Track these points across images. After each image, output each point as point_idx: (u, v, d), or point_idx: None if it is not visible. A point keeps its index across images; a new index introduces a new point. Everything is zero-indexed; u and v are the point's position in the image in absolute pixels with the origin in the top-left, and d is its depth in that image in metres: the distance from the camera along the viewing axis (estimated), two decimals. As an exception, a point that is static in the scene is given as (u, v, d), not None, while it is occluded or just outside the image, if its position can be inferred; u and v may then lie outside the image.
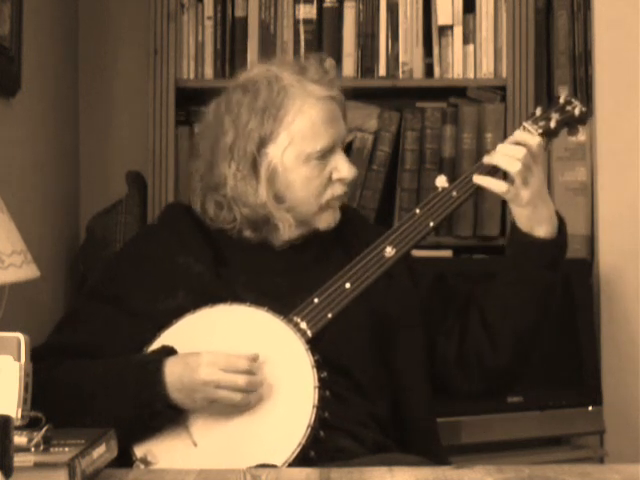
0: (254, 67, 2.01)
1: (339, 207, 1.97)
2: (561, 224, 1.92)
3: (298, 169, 1.92)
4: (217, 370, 1.73)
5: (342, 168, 1.93)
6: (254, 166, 1.91)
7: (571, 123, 2.02)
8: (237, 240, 1.97)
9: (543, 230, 1.89)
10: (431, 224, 1.88)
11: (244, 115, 1.91)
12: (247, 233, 1.96)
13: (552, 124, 1.97)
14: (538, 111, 2.00)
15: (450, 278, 2.05)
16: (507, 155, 1.86)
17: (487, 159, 1.89)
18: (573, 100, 2.02)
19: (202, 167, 1.97)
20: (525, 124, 1.97)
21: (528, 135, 1.90)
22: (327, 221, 1.96)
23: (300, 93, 1.91)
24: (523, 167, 1.84)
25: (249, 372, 1.74)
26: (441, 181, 1.92)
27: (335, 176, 1.94)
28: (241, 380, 1.73)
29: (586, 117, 2.03)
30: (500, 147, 1.88)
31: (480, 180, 1.88)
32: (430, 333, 1.97)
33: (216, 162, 1.93)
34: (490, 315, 1.93)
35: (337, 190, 1.95)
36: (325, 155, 1.92)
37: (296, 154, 1.91)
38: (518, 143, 1.87)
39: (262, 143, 1.91)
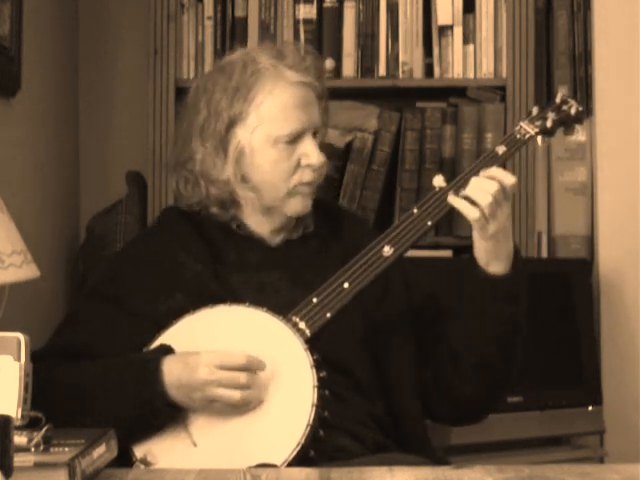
0: (236, 51, 2.02)
1: (311, 196, 1.96)
2: (516, 256, 1.89)
3: (266, 151, 1.92)
4: (216, 369, 1.73)
5: (311, 154, 1.93)
6: (223, 145, 1.92)
7: (567, 122, 2.02)
8: (233, 238, 1.97)
9: (498, 266, 1.87)
10: (429, 223, 1.88)
11: (217, 95, 1.93)
12: (214, 210, 1.97)
13: (548, 123, 1.98)
14: (534, 110, 2.01)
15: (442, 299, 2.03)
16: (479, 188, 1.84)
17: (461, 192, 1.86)
18: (569, 99, 2.03)
19: (179, 145, 2.00)
20: (522, 123, 1.98)
21: (504, 173, 1.87)
22: (295, 207, 1.95)
23: (273, 76, 1.92)
24: (493, 201, 1.82)
25: (248, 369, 1.74)
26: (438, 180, 1.91)
27: (304, 162, 1.94)
28: (241, 377, 1.73)
29: (582, 116, 2.04)
30: (474, 180, 1.85)
31: (454, 201, 1.86)
32: (415, 350, 1.97)
33: (189, 140, 1.96)
34: (454, 346, 1.93)
35: (305, 176, 1.94)
36: (294, 140, 1.92)
37: (264, 136, 1.91)
38: (493, 177, 1.85)
39: (231, 123, 1.92)
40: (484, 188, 1.83)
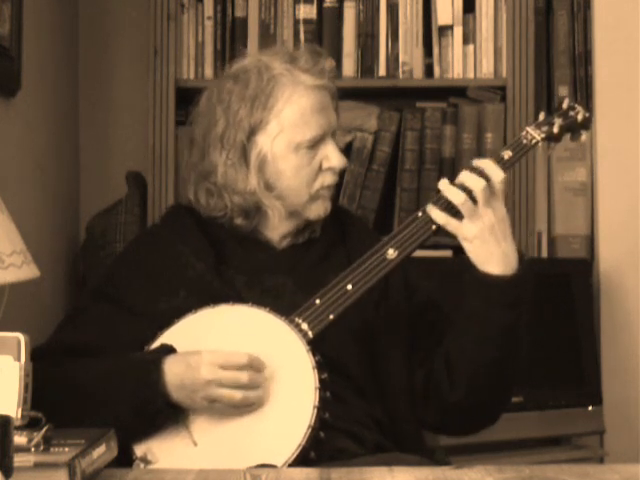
0: (246, 57, 2.01)
1: (330, 198, 1.97)
2: (520, 261, 1.85)
3: (288, 158, 1.92)
4: (218, 369, 1.73)
5: (332, 157, 1.94)
6: (244, 155, 1.92)
7: (574, 128, 2.02)
8: (239, 239, 1.97)
9: (494, 268, 1.83)
10: (433, 227, 1.88)
11: (234, 104, 1.92)
12: (238, 221, 1.96)
13: (555, 129, 1.97)
14: (541, 116, 2.00)
15: (444, 306, 2.00)
16: (456, 185, 1.83)
17: (439, 186, 1.85)
18: (576, 105, 2.03)
19: (195, 156, 1.98)
20: (528, 128, 1.97)
21: (493, 169, 1.84)
22: (317, 211, 1.96)
23: (290, 82, 1.92)
24: (469, 201, 1.81)
25: (250, 368, 1.74)
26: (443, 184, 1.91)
27: (325, 165, 1.94)
28: (242, 377, 1.73)
29: (589, 122, 2.03)
30: (460, 175, 1.84)
31: (429, 210, 1.85)
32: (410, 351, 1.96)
33: (208, 151, 1.95)
34: (449, 349, 1.90)
35: (327, 179, 1.95)
36: (315, 144, 1.93)
37: (286, 143, 1.91)
38: (481, 174, 1.82)
39: (252, 132, 1.91)
40: (464, 184, 1.82)
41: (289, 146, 1.92)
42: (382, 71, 2.86)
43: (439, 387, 1.92)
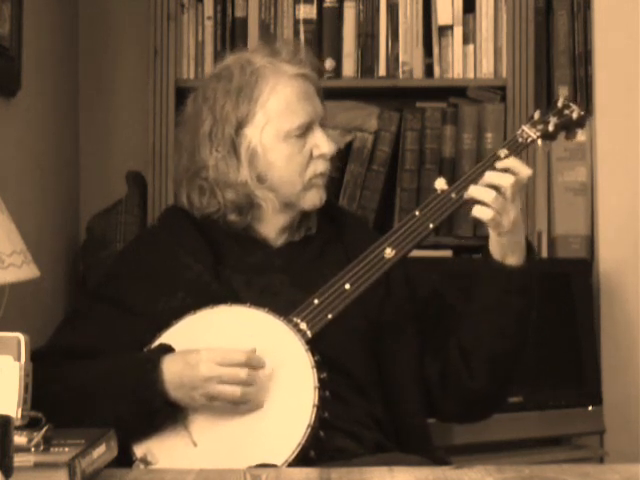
0: (228, 57, 2.02)
1: (324, 187, 1.97)
2: (529, 250, 1.90)
3: (278, 148, 1.93)
4: (217, 366, 1.73)
5: (322, 144, 1.94)
6: (234, 149, 1.92)
7: (569, 127, 2.03)
8: (235, 238, 1.97)
9: (513, 258, 1.87)
10: (431, 226, 1.88)
11: (220, 100, 1.93)
12: (232, 217, 1.96)
13: (550, 127, 1.98)
14: (536, 114, 2.01)
15: (447, 297, 2.03)
16: (480, 188, 1.84)
17: (467, 193, 1.86)
18: (571, 104, 2.04)
19: (185, 158, 1.98)
20: (524, 127, 1.98)
21: (522, 166, 1.87)
22: (312, 200, 1.96)
23: (273, 73, 1.93)
24: (500, 197, 1.82)
25: (248, 365, 1.74)
26: (440, 183, 1.92)
27: (315, 153, 1.95)
28: (241, 373, 1.73)
29: (584, 121, 2.04)
30: (486, 176, 1.85)
31: (476, 211, 1.85)
32: (419, 347, 1.97)
33: (197, 150, 1.95)
34: (465, 340, 1.93)
35: (319, 167, 1.95)
36: (304, 133, 1.94)
37: (274, 133, 1.92)
38: (508, 170, 1.85)
39: (240, 125, 1.92)
40: (495, 183, 1.83)
41: (278, 136, 1.92)
42: (382, 71, 2.86)
43: (458, 378, 1.94)
